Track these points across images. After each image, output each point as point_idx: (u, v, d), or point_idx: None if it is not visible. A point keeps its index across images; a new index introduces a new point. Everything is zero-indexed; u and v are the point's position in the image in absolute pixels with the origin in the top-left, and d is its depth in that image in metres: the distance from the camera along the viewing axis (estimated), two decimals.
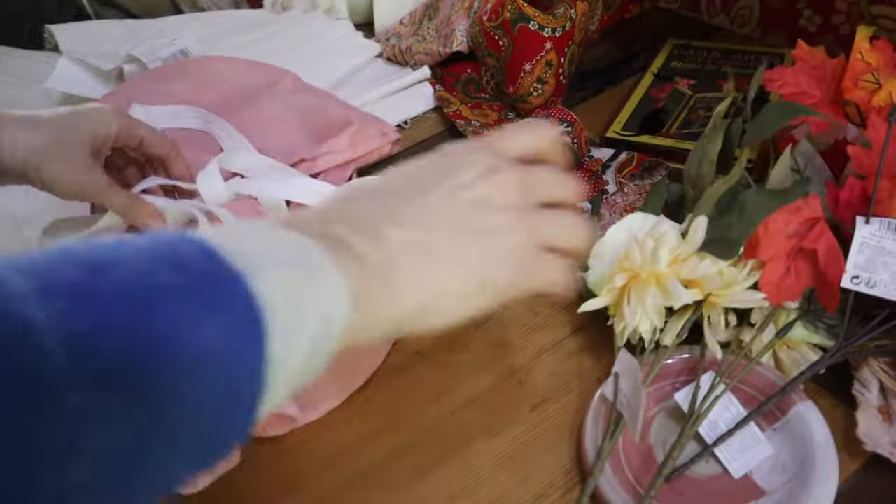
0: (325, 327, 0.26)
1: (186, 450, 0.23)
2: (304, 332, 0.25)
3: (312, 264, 0.26)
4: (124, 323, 0.21)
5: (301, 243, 0.27)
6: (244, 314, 0.23)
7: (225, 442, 0.25)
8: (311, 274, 0.26)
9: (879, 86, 0.56)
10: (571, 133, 0.74)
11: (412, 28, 1.00)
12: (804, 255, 0.50)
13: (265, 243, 0.26)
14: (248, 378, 0.23)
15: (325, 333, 0.26)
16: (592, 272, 0.56)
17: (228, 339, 0.23)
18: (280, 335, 0.24)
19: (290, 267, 0.25)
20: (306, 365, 0.25)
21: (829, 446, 0.47)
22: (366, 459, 0.53)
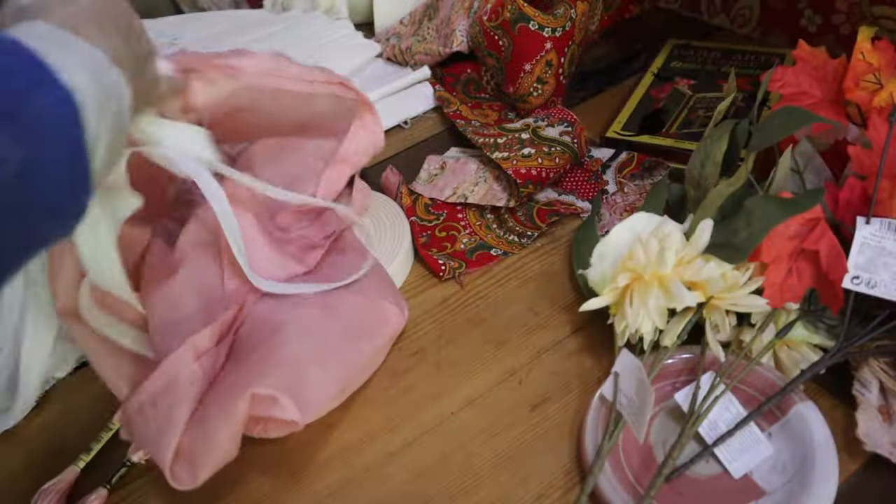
0: (119, 105, 0.36)
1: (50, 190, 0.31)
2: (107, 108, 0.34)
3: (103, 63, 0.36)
4: None
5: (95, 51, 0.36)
6: (61, 91, 0.31)
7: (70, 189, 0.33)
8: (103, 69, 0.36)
9: (881, 86, 0.56)
10: (571, 133, 0.74)
11: (412, 28, 1.00)
12: (806, 256, 0.50)
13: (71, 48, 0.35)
14: (77, 140, 0.32)
15: (119, 109, 0.36)
16: (594, 271, 0.56)
17: (56, 108, 0.31)
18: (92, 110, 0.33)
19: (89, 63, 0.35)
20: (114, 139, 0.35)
21: (829, 446, 0.47)
22: (366, 459, 0.53)
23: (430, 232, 0.70)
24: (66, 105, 0.32)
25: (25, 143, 0.29)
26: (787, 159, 0.55)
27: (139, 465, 0.53)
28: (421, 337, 0.61)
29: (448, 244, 0.69)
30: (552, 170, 0.70)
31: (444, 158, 0.78)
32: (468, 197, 0.72)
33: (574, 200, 0.72)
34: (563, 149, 0.72)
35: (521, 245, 0.68)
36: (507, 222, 0.70)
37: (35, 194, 0.30)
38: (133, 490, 0.52)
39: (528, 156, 0.71)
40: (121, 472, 0.53)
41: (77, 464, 0.53)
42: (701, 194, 0.57)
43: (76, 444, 0.55)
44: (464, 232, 0.70)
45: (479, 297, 0.64)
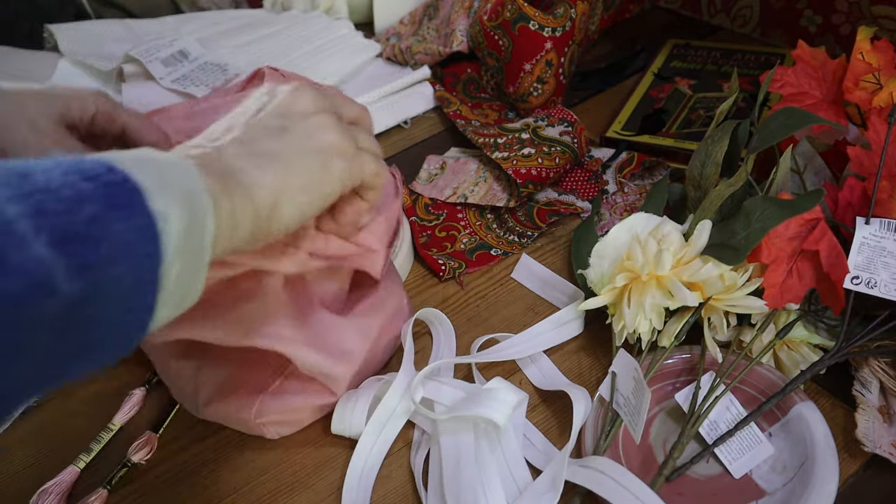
0: (201, 237, 0.32)
1: (103, 327, 0.27)
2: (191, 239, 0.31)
3: (197, 190, 0.32)
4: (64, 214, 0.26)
5: (188, 169, 0.33)
6: (144, 218, 0.28)
7: (128, 330, 0.29)
8: (195, 198, 0.32)
9: (880, 86, 0.56)
10: (571, 133, 0.74)
11: (412, 28, 1.00)
12: (806, 256, 0.50)
13: (160, 167, 0.31)
14: (149, 270, 0.28)
15: (202, 242, 0.32)
16: (593, 271, 0.56)
17: (132, 234, 0.28)
18: (172, 241, 0.29)
19: (177, 187, 0.31)
20: (192, 266, 0.31)
21: (829, 446, 0.47)
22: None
23: (430, 232, 0.70)
24: (146, 232, 0.28)
25: (89, 276, 0.26)
26: (787, 160, 0.55)
27: (139, 466, 0.53)
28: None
29: (448, 244, 0.69)
30: (552, 170, 0.70)
31: (444, 158, 0.78)
32: (468, 197, 0.72)
33: (574, 200, 0.72)
34: (563, 149, 0.72)
35: (521, 245, 0.68)
36: (507, 222, 0.70)
37: (82, 329, 0.27)
38: (132, 490, 0.52)
39: (528, 156, 0.71)
40: (121, 472, 0.53)
41: (77, 464, 0.53)
42: (701, 194, 0.57)
43: (76, 444, 0.55)
44: (464, 232, 0.70)
45: (479, 297, 0.64)
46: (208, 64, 0.88)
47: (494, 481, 0.48)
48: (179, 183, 0.31)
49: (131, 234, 0.27)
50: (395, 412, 0.53)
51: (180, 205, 0.30)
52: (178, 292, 0.31)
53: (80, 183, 0.27)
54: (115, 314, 0.28)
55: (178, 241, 0.29)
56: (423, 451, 0.52)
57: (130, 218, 0.28)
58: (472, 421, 0.51)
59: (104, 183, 0.27)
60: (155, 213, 0.28)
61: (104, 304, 0.27)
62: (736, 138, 0.58)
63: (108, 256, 0.26)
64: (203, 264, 0.32)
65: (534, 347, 0.57)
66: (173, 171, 0.32)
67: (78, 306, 0.26)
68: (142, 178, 0.29)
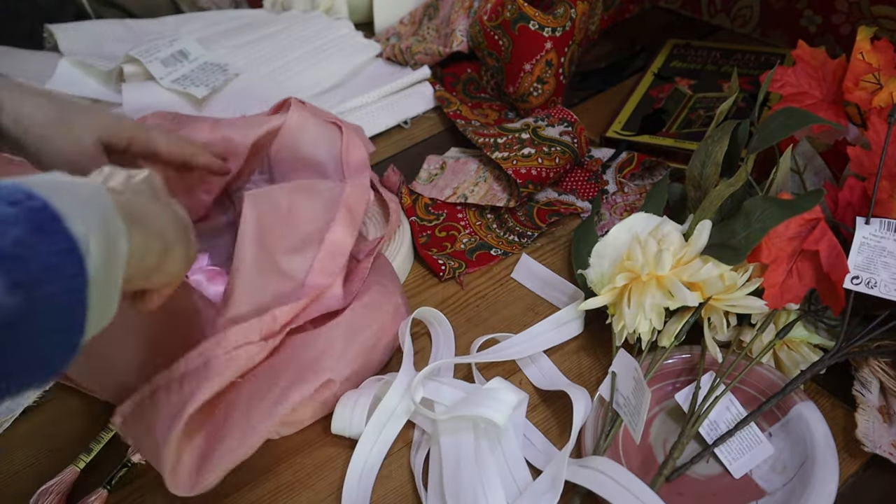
0: (116, 259, 0.34)
1: (38, 346, 0.29)
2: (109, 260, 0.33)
3: (110, 215, 0.34)
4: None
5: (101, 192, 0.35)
6: (67, 242, 0.29)
7: (61, 349, 0.30)
8: (109, 222, 0.34)
9: (880, 86, 0.56)
10: (571, 133, 0.74)
11: (412, 28, 1.00)
12: (806, 256, 0.50)
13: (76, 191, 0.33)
14: (77, 290, 0.30)
15: (116, 262, 0.34)
16: (593, 271, 0.56)
17: (58, 257, 0.29)
18: (94, 261, 0.31)
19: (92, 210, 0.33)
20: (107, 292, 0.33)
21: (829, 446, 0.47)
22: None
23: (430, 232, 0.70)
24: (71, 255, 0.30)
25: (23, 292, 0.27)
26: (787, 160, 0.55)
27: (139, 466, 0.53)
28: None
29: (448, 244, 0.69)
30: (552, 170, 0.70)
31: (444, 158, 0.78)
32: (468, 197, 0.72)
33: (574, 200, 0.72)
34: (563, 149, 0.72)
35: (521, 245, 0.68)
36: (507, 222, 0.70)
37: (21, 348, 0.28)
38: (132, 490, 0.52)
39: (528, 156, 0.71)
40: (120, 472, 0.53)
41: (77, 464, 0.53)
42: (701, 194, 0.57)
43: (76, 444, 0.55)
44: (464, 232, 0.70)
45: (479, 297, 0.64)
46: (208, 64, 0.88)
47: (494, 481, 0.48)
48: (94, 206, 0.33)
49: (57, 256, 0.29)
50: (395, 412, 0.53)
51: (97, 227, 0.32)
52: (100, 310, 0.32)
53: (3, 207, 0.28)
54: (49, 333, 0.29)
55: (99, 261, 0.31)
56: (423, 451, 0.52)
57: (54, 242, 0.29)
58: (472, 421, 0.51)
59: (26, 208, 0.29)
60: (76, 236, 0.30)
61: (38, 323, 0.28)
62: (736, 138, 0.58)
63: (39, 276, 0.28)
64: (118, 284, 0.34)
65: (534, 347, 0.57)
66: (89, 195, 0.34)
67: (15, 324, 0.27)
68: (59, 203, 0.30)
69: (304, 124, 0.66)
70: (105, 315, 0.33)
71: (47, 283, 0.28)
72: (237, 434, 0.48)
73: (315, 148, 0.66)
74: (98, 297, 0.31)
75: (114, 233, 0.34)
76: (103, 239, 0.32)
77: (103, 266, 0.32)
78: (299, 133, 0.66)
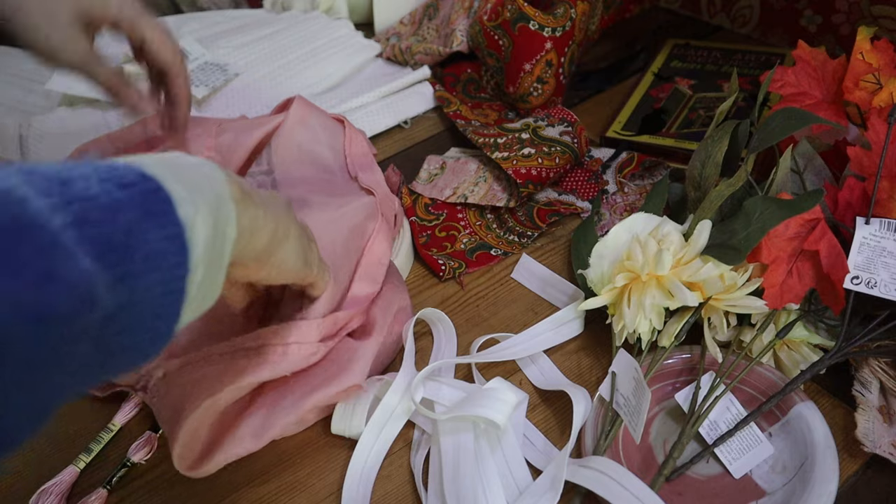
0: (223, 246, 0.33)
1: (133, 334, 0.28)
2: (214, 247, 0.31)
3: (223, 196, 0.33)
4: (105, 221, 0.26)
5: (215, 175, 0.34)
6: (174, 228, 0.28)
7: (155, 336, 0.29)
8: (221, 204, 0.33)
9: (880, 86, 0.56)
10: (571, 133, 0.74)
11: (412, 28, 1.00)
12: (806, 256, 0.50)
13: (190, 172, 0.32)
14: (177, 279, 0.29)
15: (222, 250, 0.33)
16: (593, 271, 0.56)
17: (163, 244, 0.28)
18: (197, 250, 0.30)
19: (205, 193, 0.31)
20: (212, 273, 0.32)
21: (829, 446, 0.47)
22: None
23: (430, 232, 0.70)
24: (175, 242, 0.28)
25: (125, 287, 0.26)
26: (787, 160, 0.55)
27: (139, 466, 0.53)
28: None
29: (448, 244, 0.69)
30: (552, 170, 0.70)
31: (444, 158, 0.78)
32: (468, 197, 0.72)
33: (574, 200, 0.72)
34: (563, 149, 0.72)
35: (521, 245, 0.68)
36: (507, 222, 0.70)
37: (115, 336, 0.27)
38: (132, 491, 0.52)
39: (528, 156, 0.71)
40: (120, 472, 0.53)
41: (77, 464, 0.53)
42: (701, 195, 0.57)
43: (76, 444, 0.55)
44: (464, 232, 0.70)
45: (479, 297, 0.64)
46: (208, 64, 0.88)
47: (494, 481, 0.48)
48: (207, 189, 0.32)
49: (162, 243, 0.28)
50: (395, 412, 0.53)
51: (207, 212, 0.30)
52: (199, 297, 0.31)
53: (115, 191, 0.27)
54: (146, 321, 0.28)
55: (203, 250, 0.30)
56: (422, 451, 0.52)
57: (162, 227, 0.28)
58: (473, 421, 0.51)
59: (139, 192, 0.28)
60: (184, 221, 0.29)
61: (136, 313, 0.27)
62: (736, 138, 0.58)
63: (143, 266, 0.27)
64: (222, 270, 0.33)
65: (534, 347, 0.57)
66: (203, 177, 0.32)
67: (114, 316, 0.26)
68: (173, 186, 0.29)
69: (306, 118, 0.67)
70: (205, 301, 0.32)
71: (149, 273, 0.27)
72: (256, 426, 0.48)
73: (316, 141, 0.66)
74: (198, 285, 0.30)
75: (223, 219, 0.32)
76: (211, 225, 0.31)
77: (206, 253, 0.30)
78: (300, 126, 0.66)
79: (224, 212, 0.32)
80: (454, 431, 0.50)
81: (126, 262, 0.26)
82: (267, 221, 0.37)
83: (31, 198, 0.24)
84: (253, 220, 0.36)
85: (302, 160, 0.66)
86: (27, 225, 0.23)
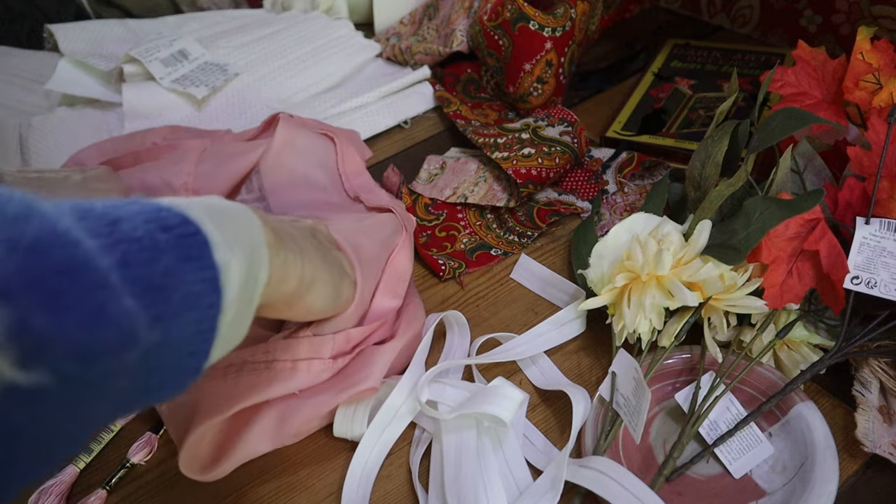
0: (254, 290, 0.34)
1: (165, 371, 0.29)
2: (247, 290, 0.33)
3: (258, 242, 0.35)
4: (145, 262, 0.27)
5: (251, 221, 0.36)
6: (210, 271, 0.30)
7: (185, 373, 0.30)
8: (255, 249, 0.34)
9: (880, 86, 0.56)
10: (571, 133, 0.74)
11: (412, 28, 1.00)
12: (806, 256, 0.50)
13: (229, 218, 0.33)
14: (210, 319, 0.30)
15: (253, 293, 0.34)
16: (593, 271, 0.56)
17: (199, 286, 0.29)
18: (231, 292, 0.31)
19: (241, 238, 0.33)
20: (242, 314, 0.33)
21: (829, 446, 0.47)
22: None
23: (430, 232, 0.70)
24: (211, 285, 0.30)
25: (162, 326, 0.27)
26: (787, 160, 0.55)
27: (138, 467, 0.53)
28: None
29: (448, 244, 0.69)
30: (552, 170, 0.70)
31: (444, 158, 0.78)
32: (468, 197, 0.72)
33: (574, 200, 0.72)
34: (563, 149, 0.72)
35: (521, 245, 0.68)
36: (507, 222, 0.70)
37: (147, 373, 0.28)
38: (132, 492, 0.52)
39: (528, 156, 0.71)
40: (120, 473, 0.53)
41: (77, 464, 0.53)
42: (701, 195, 0.57)
43: None
44: (464, 232, 0.70)
45: (479, 297, 0.64)
46: (208, 64, 0.88)
47: (496, 481, 0.48)
48: (243, 234, 0.33)
49: (198, 285, 0.29)
50: (399, 412, 0.53)
51: (242, 256, 0.32)
52: (229, 335, 0.32)
53: (157, 233, 0.28)
54: (178, 359, 0.29)
55: (236, 292, 0.31)
56: (421, 448, 0.52)
57: (199, 270, 0.29)
58: (476, 420, 0.51)
59: (178, 234, 0.29)
60: (219, 265, 0.30)
61: (170, 351, 0.28)
62: (736, 138, 0.58)
63: (179, 307, 0.28)
64: (251, 311, 0.34)
65: (536, 348, 0.57)
66: (239, 222, 0.34)
67: (150, 353, 0.27)
68: (211, 229, 0.30)
69: (293, 140, 0.66)
70: (232, 340, 0.33)
71: (185, 313, 0.28)
72: (270, 429, 0.48)
73: (305, 163, 0.65)
74: (228, 326, 0.31)
75: (256, 263, 0.34)
76: (245, 269, 0.32)
77: (239, 296, 0.32)
78: (287, 149, 0.65)
79: (257, 256, 0.34)
80: (457, 430, 0.50)
81: (164, 303, 0.27)
82: (296, 267, 0.39)
83: (84, 239, 0.25)
84: (283, 265, 0.37)
85: (294, 183, 0.65)
86: (80, 265, 0.24)
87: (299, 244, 0.41)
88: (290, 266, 0.38)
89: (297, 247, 0.40)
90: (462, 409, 0.50)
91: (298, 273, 0.39)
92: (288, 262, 0.38)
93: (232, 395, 0.47)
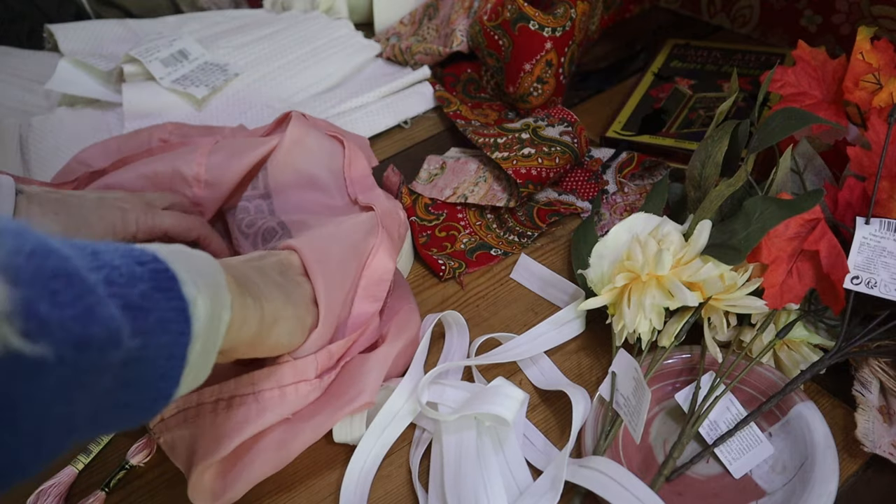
0: (218, 327, 0.37)
1: (141, 388, 0.32)
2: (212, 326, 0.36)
3: (220, 285, 0.38)
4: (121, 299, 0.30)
5: (214, 266, 0.39)
6: (180, 301, 0.33)
7: (158, 396, 0.34)
8: (218, 290, 0.37)
9: (880, 86, 0.56)
10: (571, 133, 0.74)
11: (412, 28, 1.00)
12: (806, 256, 0.50)
13: (193, 261, 0.37)
14: (181, 346, 0.33)
15: (218, 330, 0.37)
16: (593, 271, 0.56)
17: (172, 313, 0.33)
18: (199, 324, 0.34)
19: (205, 279, 0.36)
20: (205, 353, 0.36)
21: (829, 446, 0.47)
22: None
23: (430, 232, 0.70)
24: (181, 314, 0.33)
25: (141, 339, 0.30)
26: (787, 160, 0.55)
27: (137, 468, 0.53)
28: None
29: (448, 244, 0.69)
30: (552, 170, 0.70)
31: (444, 158, 0.78)
32: (468, 197, 0.72)
33: (574, 200, 0.72)
34: (563, 149, 0.72)
35: (521, 245, 0.68)
36: (507, 222, 0.70)
37: (129, 388, 0.31)
38: (130, 493, 0.52)
39: (528, 156, 0.71)
40: (119, 474, 0.52)
41: (75, 465, 0.53)
42: (701, 195, 0.57)
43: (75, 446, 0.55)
44: (464, 232, 0.70)
45: (479, 297, 0.64)
46: (208, 64, 0.88)
47: (496, 481, 0.48)
48: (207, 276, 0.37)
49: (171, 312, 0.33)
50: (399, 414, 0.53)
51: (207, 294, 0.35)
52: (195, 370, 0.35)
53: (133, 265, 0.32)
54: (151, 380, 0.33)
55: (202, 325, 0.35)
56: (421, 448, 0.52)
57: (170, 300, 0.33)
58: (476, 420, 0.51)
59: (151, 269, 0.33)
60: (188, 298, 0.34)
61: (145, 368, 0.32)
62: (736, 138, 0.58)
63: (155, 326, 0.31)
64: (215, 348, 0.37)
65: (536, 348, 0.57)
66: (203, 266, 0.38)
67: (131, 363, 0.30)
68: (178, 268, 0.34)
69: (303, 139, 0.65)
70: (198, 376, 0.37)
71: (161, 334, 0.32)
72: (271, 455, 0.48)
73: (313, 164, 0.65)
74: (196, 356, 0.35)
75: (219, 303, 0.37)
76: (210, 306, 0.35)
77: (205, 329, 0.35)
78: (297, 148, 0.65)
79: (221, 297, 0.37)
80: (457, 430, 0.50)
81: (143, 319, 0.31)
82: (255, 311, 0.42)
83: (74, 257, 0.29)
84: (242, 309, 0.40)
85: (300, 184, 0.65)
86: (73, 273, 0.28)
87: (260, 287, 0.44)
88: (249, 311, 0.41)
89: (258, 290, 0.43)
90: (464, 409, 0.50)
91: (258, 316, 0.42)
92: (247, 306, 0.41)
93: (226, 431, 0.47)
